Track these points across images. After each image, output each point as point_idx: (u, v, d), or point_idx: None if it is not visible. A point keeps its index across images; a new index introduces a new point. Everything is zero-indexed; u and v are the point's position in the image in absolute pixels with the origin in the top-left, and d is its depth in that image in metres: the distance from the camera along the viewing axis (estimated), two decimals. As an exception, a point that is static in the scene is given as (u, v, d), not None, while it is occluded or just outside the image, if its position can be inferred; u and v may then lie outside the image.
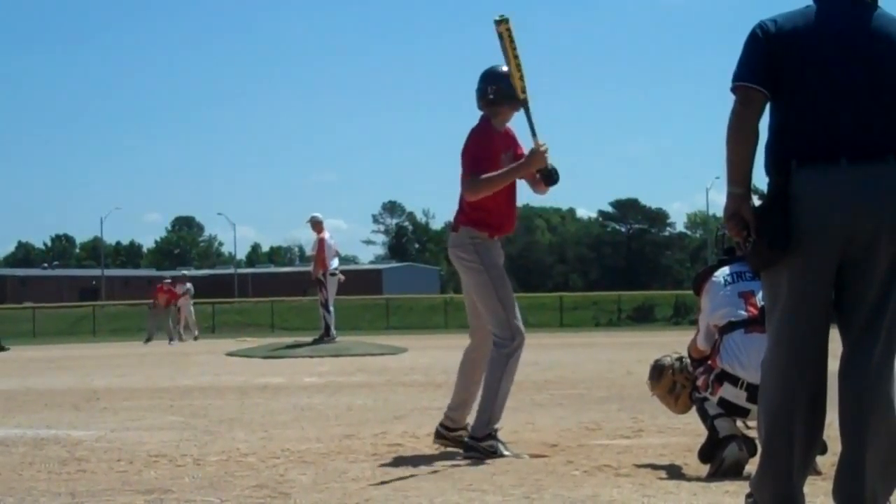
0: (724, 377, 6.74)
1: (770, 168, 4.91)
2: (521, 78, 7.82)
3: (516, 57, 7.78)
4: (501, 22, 7.70)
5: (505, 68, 7.92)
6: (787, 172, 4.81)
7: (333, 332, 23.55)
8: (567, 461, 7.40)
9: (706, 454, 6.85)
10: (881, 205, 4.74)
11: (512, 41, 7.73)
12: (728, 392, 6.72)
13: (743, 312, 6.82)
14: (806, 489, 5.94)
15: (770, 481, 4.94)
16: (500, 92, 8.01)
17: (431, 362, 19.55)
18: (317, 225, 23.64)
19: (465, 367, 8.24)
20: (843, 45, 4.84)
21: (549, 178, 7.91)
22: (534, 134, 7.84)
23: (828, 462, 6.20)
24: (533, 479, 6.64)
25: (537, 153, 7.83)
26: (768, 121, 4.99)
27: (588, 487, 6.35)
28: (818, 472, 6.34)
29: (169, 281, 39.54)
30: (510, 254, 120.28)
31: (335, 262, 23.66)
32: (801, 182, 4.78)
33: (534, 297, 77.84)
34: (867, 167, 4.75)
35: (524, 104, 7.86)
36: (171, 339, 35.41)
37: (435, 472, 7.08)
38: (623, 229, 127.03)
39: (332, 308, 23.64)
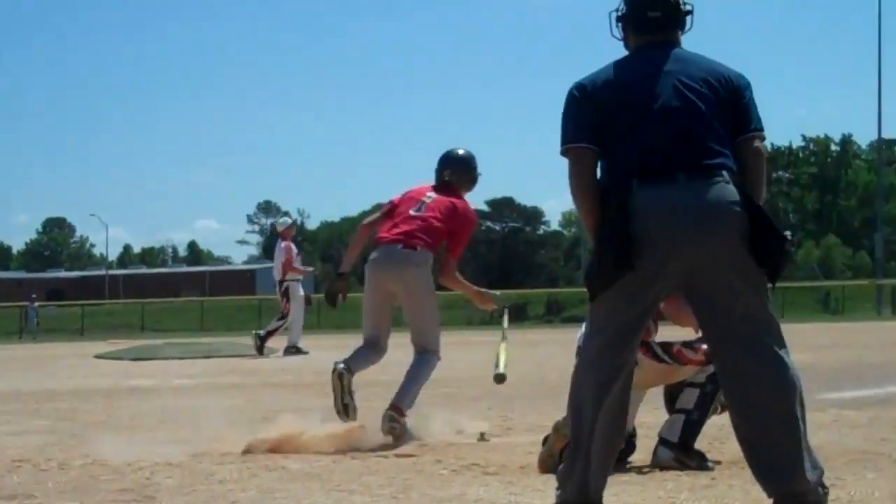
0: None
1: (609, 190, 5.09)
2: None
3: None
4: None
5: (461, 151, 9.32)
6: (628, 192, 4.98)
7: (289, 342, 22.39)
8: (436, 460, 7.41)
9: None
10: (721, 217, 4.97)
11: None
12: None
13: None
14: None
15: (573, 474, 5.13)
16: (454, 175, 9.22)
17: (303, 363, 19.49)
18: (286, 230, 22.99)
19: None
20: (657, 82, 5.16)
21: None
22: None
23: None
24: (401, 479, 6.65)
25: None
26: (604, 153, 5.19)
27: (456, 486, 6.38)
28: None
29: None
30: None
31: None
32: (642, 197, 4.97)
33: (408, 296, 77.87)
34: (703, 182, 4.98)
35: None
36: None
37: (303, 472, 7.05)
38: (498, 228, 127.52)
39: (293, 319, 22.31)
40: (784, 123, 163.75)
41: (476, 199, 9.62)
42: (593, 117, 5.15)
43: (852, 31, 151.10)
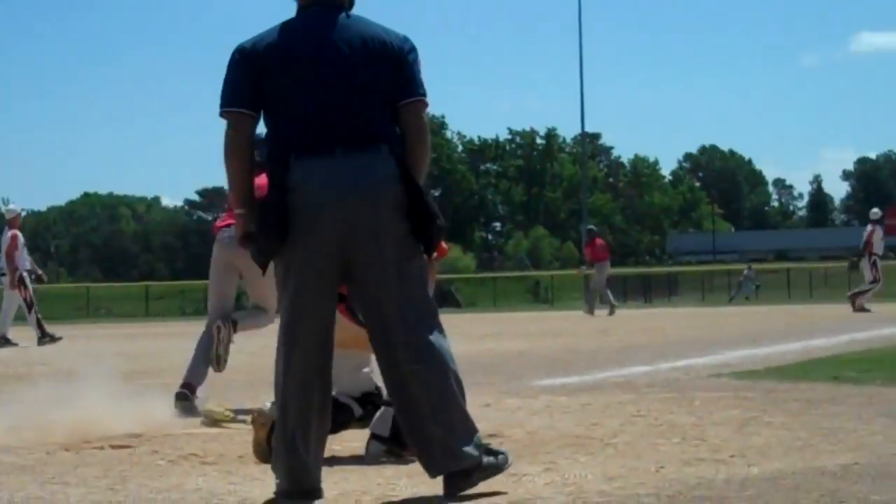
0: None
1: (270, 163, 5.13)
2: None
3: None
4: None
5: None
6: (286, 165, 5.02)
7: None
8: (153, 451, 7.31)
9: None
10: (376, 191, 5.03)
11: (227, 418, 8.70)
12: None
13: None
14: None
15: (283, 460, 5.17)
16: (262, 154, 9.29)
17: (12, 354, 19.04)
18: (14, 219, 22.30)
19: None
20: (316, 52, 5.10)
21: None
22: None
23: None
24: (117, 470, 6.54)
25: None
26: (267, 125, 5.21)
27: (173, 477, 6.30)
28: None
29: None
30: (94, 243, 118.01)
31: (27, 264, 22.26)
32: (299, 172, 5.00)
33: (119, 286, 76.71)
34: (361, 156, 5.02)
35: None
36: None
37: (16, 465, 6.86)
38: (210, 218, 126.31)
39: (4, 309, 22.25)
40: (490, 117, 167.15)
41: (188, 189, 9.66)
42: (253, 82, 5.11)
43: (554, 27, 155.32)
